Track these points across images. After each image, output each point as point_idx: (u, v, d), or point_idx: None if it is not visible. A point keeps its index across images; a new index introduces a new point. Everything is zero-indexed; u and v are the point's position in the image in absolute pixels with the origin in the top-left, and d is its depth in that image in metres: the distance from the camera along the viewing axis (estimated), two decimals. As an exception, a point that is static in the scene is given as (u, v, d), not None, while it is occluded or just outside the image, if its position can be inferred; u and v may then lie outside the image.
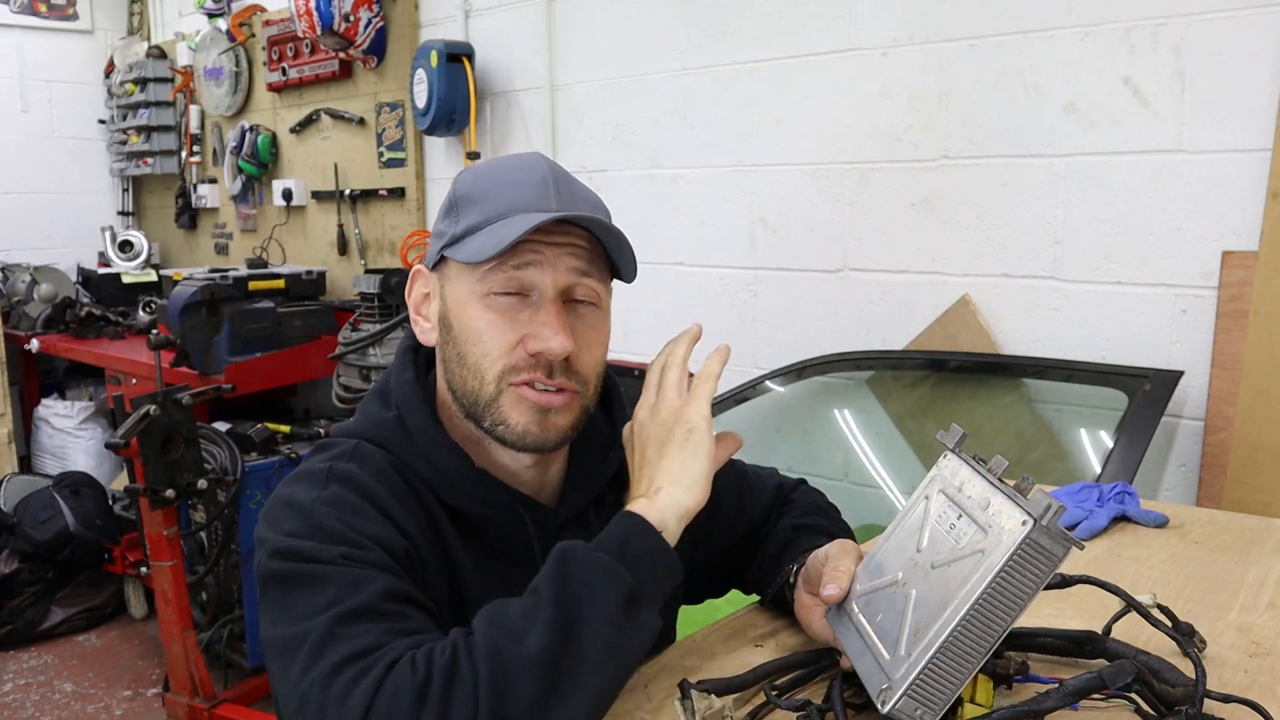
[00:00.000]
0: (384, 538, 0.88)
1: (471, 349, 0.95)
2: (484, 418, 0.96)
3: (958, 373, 2.31)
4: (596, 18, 3.02)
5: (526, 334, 0.94)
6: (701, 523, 1.14)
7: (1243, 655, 0.98)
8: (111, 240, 4.68)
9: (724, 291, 2.81)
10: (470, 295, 0.95)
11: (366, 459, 0.96)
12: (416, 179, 3.68)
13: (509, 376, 0.95)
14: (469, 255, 0.93)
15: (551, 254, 0.93)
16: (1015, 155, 2.22)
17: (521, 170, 0.98)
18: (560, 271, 0.94)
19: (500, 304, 0.94)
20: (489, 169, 1.00)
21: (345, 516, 0.88)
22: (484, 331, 0.94)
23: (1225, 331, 1.97)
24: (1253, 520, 1.41)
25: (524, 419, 0.95)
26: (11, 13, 4.88)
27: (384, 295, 3.32)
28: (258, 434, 3.32)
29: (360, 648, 0.77)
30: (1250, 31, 1.90)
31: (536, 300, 0.94)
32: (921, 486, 0.93)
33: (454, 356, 0.97)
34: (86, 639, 3.55)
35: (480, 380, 0.95)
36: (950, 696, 0.77)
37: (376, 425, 0.99)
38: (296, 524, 0.88)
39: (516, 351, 0.94)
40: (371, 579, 0.83)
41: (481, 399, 0.96)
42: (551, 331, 0.93)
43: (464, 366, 0.96)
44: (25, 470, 4.21)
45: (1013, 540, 0.74)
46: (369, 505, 0.90)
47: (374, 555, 0.86)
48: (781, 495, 1.25)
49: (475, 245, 0.93)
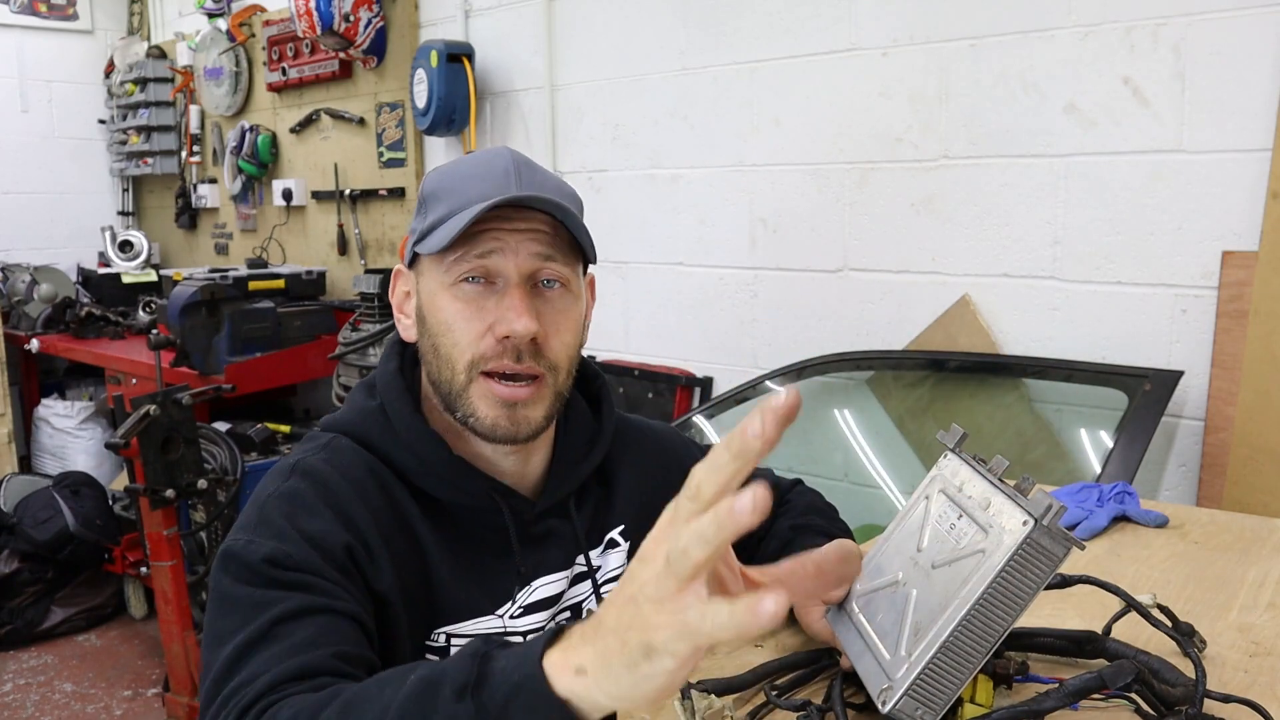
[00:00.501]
0: (322, 534, 0.88)
1: (443, 339, 0.96)
2: (456, 408, 0.97)
3: (958, 373, 2.31)
4: (596, 18, 3.02)
5: (494, 320, 0.95)
6: None
7: (1243, 655, 0.98)
8: (111, 240, 4.68)
9: (724, 291, 2.81)
10: (439, 286, 0.97)
11: (337, 452, 0.97)
12: (416, 179, 3.68)
13: (478, 365, 0.95)
14: (431, 247, 0.95)
15: (514, 240, 0.94)
16: (1015, 155, 2.22)
17: (484, 163, 0.99)
18: (523, 257, 0.95)
19: (467, 293, 0.95)
20: (455, 166, 1.02)
21: (292, 511, 0.89)
22: (452, 321, 0.96)
23: (1225, 331, 1.97)
24: (1253, 520, 1.41)
25: (492, 412, 0.96)
26: (11, 13, 4.88)
27: (384, 295, 3.32)
28: (258, 434, 3.32)
29: (235, 687, 0.77)
30: (1250, 31, 1.90)
31: (502, 287, 0.95)
32: (922, 486, 0.93)
33: (429, 348, 0.99)
34: (86, 639, 3.55)
35: (452, 370, 0.96)
36: (951, 696, 0.77)
37: (360, 415, 1.01)
38: (248, 517, 0.91)
39: (485, 339, 0.95)
40: (275, 601, 0.82)
41: (454, 389, 0.97)
42: (515, 314, 0.93)
43: (438, 357, 0.98)
44: (25, 470, 4.21)
45: (1014, 540, 0.74)
46: (320, 501, 0.91)
47: (300, 556, 0.86)
48: (777, 495, 1.25)
49: (438, 237, 0.95)
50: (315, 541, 0.87)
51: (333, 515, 0.90)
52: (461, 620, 0.97)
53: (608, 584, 1.07)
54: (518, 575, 1.00)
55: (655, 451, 1.17)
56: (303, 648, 0.78)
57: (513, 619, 1.00)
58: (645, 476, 1.13)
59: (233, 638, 0.80)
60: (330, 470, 0.94)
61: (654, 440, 1.18)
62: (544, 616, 1.02)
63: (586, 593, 1.06)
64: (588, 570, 1.06)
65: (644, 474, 1.13)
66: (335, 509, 0.91)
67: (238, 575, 0.85)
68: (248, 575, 0.85)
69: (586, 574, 1.06)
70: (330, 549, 0.88)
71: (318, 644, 0.79)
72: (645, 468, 1.14)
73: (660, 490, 1.13)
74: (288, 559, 0.85)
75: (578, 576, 1.05)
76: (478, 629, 0.97)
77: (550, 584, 1.03)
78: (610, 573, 1.08)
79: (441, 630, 0.96)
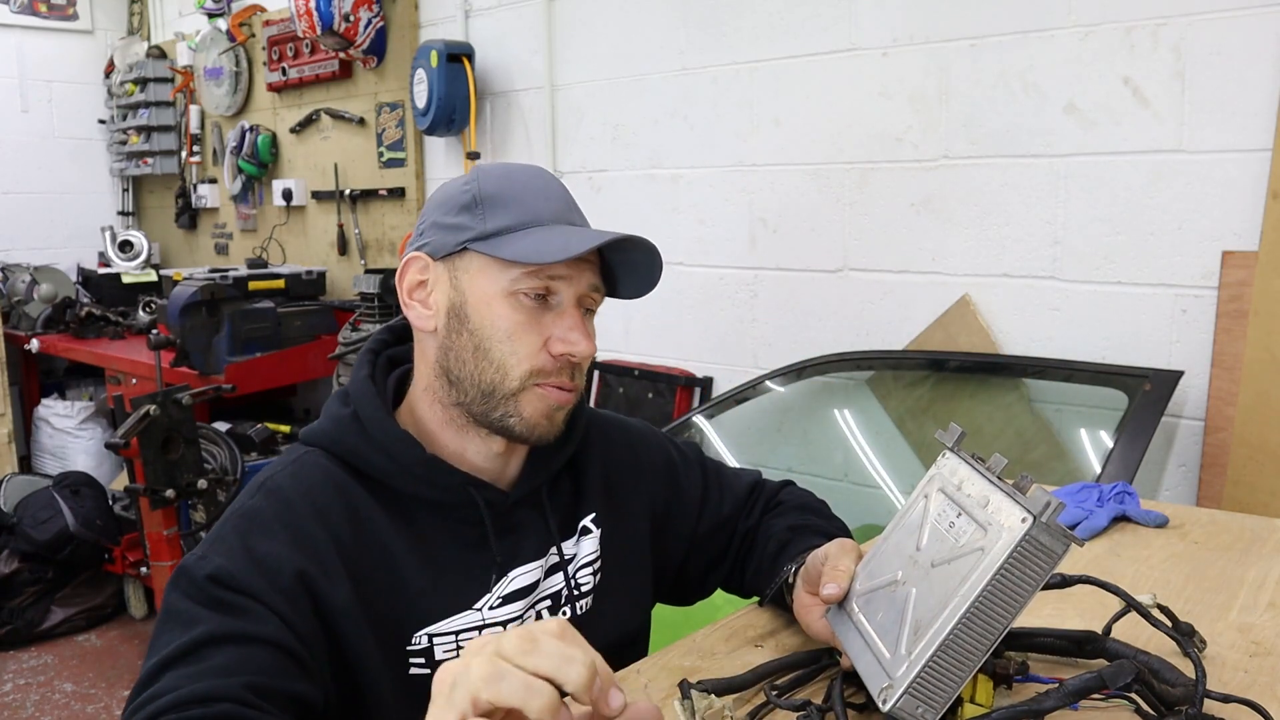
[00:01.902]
0: (273, 557, 0.91)
1: (498, 345, 0.99)
2: (496, 408, 1.00)
3: (958, 373, 2.31)
4: (596, 18, 3.02)
5: (551, 337, 0.99)
6: (660, 514, 1.20)
7: (1243, 655, 0.98)
8: (111, 240, 4.68)
9: (724, 291, 2.81)
10: (497, 292, 0.99)
11: (305, 468, 1.00)
12: (416, 179, 3.68)
13: (536, 377, 1.00)
14: (521, 255, 0.97)
15: (578, 267, 1.00)
16: (1015, 155, 2.22)
17: (539, 180, 1.04)
18: (581, 284, 1.01)
19: (527, 305, 0.99)
20: (509, 173, 1.04)
21: (249, 530, 0.93)
22: (513, 330, 0.99)
23: (1225, 331, 1.97)
24: (1253, 520, 1.41)
25: (537, 414, 1.01)
26: (11, 13, 4.89)
27: (384, 295, 3.32)
28: (258, 434, 3.33)
29: (147, 698, 0.81)
30: (1250, 31, 1.90)
31: (557, 305, 1.00)
32: (921, 485, 0.93)
33: (469, 346, 1.00)
34: (86, 639, 3.55)
35: (504, 375, 0.99)
36: (951, 694, 0.77)
37: (334, 424, 1.03)
38: (211, 532, 0.95)
39: (542, 354, 0.99)
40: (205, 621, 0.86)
41: (500, 391, 1.00)
42: (580, 336, 0.99)
43: (485, 359, 0.99)
44: (25, 470, 4.21)
45: (1013, 537, 0.74)
46: (277, 521, 0.94)
47: (243, 577, 0.88)
48: (762, 494, 1.27)
49: (524, 247, 0.97)
50: (264, 564, 0.90)
51: (289, 536, 0.93)
52: (441, 619, 0.99)
53: (583, 569, 1.11)
54: (495, 565, 1.03)
55: (622, 441, 1.20)
56: (216, 673, 0.82)
57: (491, 610, 1.02)
58: (616, 464, 1.18)
59: (160, 651, 0.85)
60: (294, 489, 0.97)
61: (621, 430, 1.22)
62: (521, 605, 1.04)
63: (560, 584, 1.08)
64: (560, 560, 1.08)
65: (615, 461, 1.18)
66: (292, 529, 0.94)
67: (185, 590, 0.89)
68: (192, 590, 0.88)
69: (559, 564, 1.08)
70: (277, 573, 0.90)
71: (232, 671, 0.82)
72: (616, 456, 1.18)
73: (631, 477, 1.18)
74: (231, 579, 0.88)
75: (552, 567, 1.08)
76: (457, 625, 1.00)
77: (526, 573, 1.05)
78: (584, 558, 1.11)
79: (422, 633, 0.99)
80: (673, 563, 1.22)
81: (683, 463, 1.24)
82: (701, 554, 1.23)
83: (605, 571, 1.12)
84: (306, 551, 0.93)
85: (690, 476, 1.23)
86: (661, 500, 1.21)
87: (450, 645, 1.00)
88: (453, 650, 0.99)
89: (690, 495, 1.22)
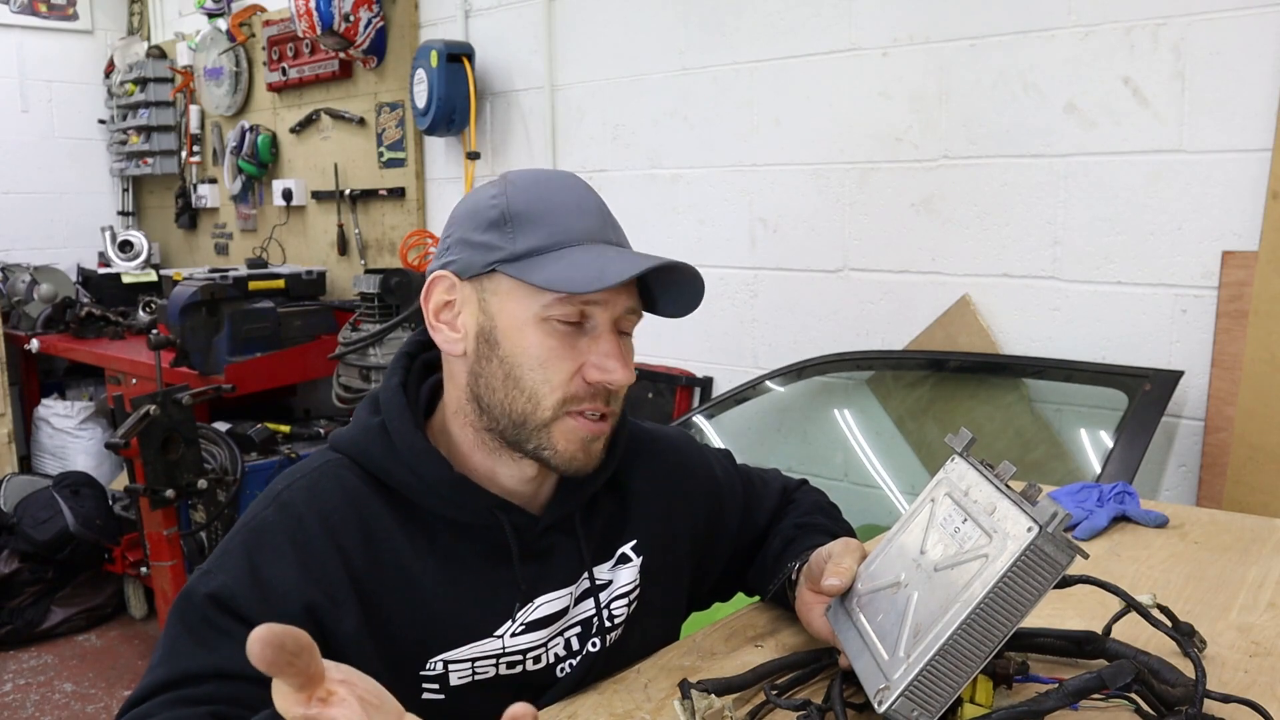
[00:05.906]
0: (279, 584, 0.89)
1: (529, 373, 0.94)
2: (529, 439, 0.96)
3: (958, 373, 2.31)
4: (596, 18, 3.02)
5: (585, 363, 0.95)
6: (702, 535, 1.15)
7: (1243, 655, 0.98)
8: (111, 240, 4.68)
9: (724, 291, 2.81)
10: (529, 317, 0.94)
11: (324, 480, 0.96)
12: (416, 179, 3.68)
13: (569, 404, 0.95)
14: (552, 283, 0.92)
15: (614, 290, 0.95)
16: (1015, 155, 2.22)
17: (572, 193, 0.98)
18: (617, 308, 0.96)
19: (560, 330, 0.94)
20: (538, 186, 0.98)
21: (258, 548, 0.91)
22: (546, 358, 0.94)
23: (1225, 331, 1.97)
24: (1253, 520, 1.41)
25: (572, 447, 0.96)
26: (11, 13, 4.88)
27: (384, 295, 3.32)
28: (258, 434, 3.32)
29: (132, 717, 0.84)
30: (1250, 31, 1.90)
31: (591, 330, 0.95)
32: (928, 489, 0.92)
33: (499, 374, 0.95)
34: (86, 639, 3.55)
35: (535, 404, 0.95)
36: (948, 699, 0.77)
37: (362, 432, 0.99)
38: (223, 544, 0.94)
39: (575, 380, 0.95)
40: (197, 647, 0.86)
41: (532, 422, 0.95)
42: (617, 363, 0.95)
43: (516, 387, 0.95)
44: (25, 470, 4.21)
45: (1017, 546, 0.74)
46: (287, 542, 0.91)
47: (244, 600, 0.87)
48: (786, 497, 1.25)
49: (556, 272, 0.92)
50: (269, 590, 0.88)
51: (297, 559, 0.90)
52: (459, 645, 0.95)
53: (617, 600, 1.05)
54: (519, 592, 0.98)
55: (672, 461, 1.15)
56: (191, 701, 0.83)
57: (513, 637, 0.97)
58: (660, 487, 1.12)
59: (153, 671, 0.86)
60: (308, 504, 0.93)
61: (669, 448, 1.16)
62: (545, 634, 0.99)
63: (591, 610, 1.03)
64: (591, 586, 1.04)
65: (659, 485, 1.12)
66: (302, 550, 0.91)
67: (184, 608, 0.89)
68: (191, 610, 0.88)
69: (591, 590, 1.04)
70: (282, 602, 0.88)
71: (199, 702, 0.83)
72: (660, 478, 1.12)
73: (676, 501, 1.12)
74: (231, 601, 0.87)
75: (584, 593, 1.03)
76: (474, 653, 0.96)
77: (553, 600, 1.00)
78: (620, 588, 1.06)
79: (438, 659, 0.95)
80: (709, 579, 1.20)
81: (726, 481, 1.20)
82: (735, 567, 1.21)
83: (642, 601, 1.08)
84: (315, 576, 0.89)
85: (733, 497, 1.19)
86: (704, 522, 1.16)
87: (466, 672, 0.95)
88: (468, 677, 0.96)
89: (732, 516, 1.19)
